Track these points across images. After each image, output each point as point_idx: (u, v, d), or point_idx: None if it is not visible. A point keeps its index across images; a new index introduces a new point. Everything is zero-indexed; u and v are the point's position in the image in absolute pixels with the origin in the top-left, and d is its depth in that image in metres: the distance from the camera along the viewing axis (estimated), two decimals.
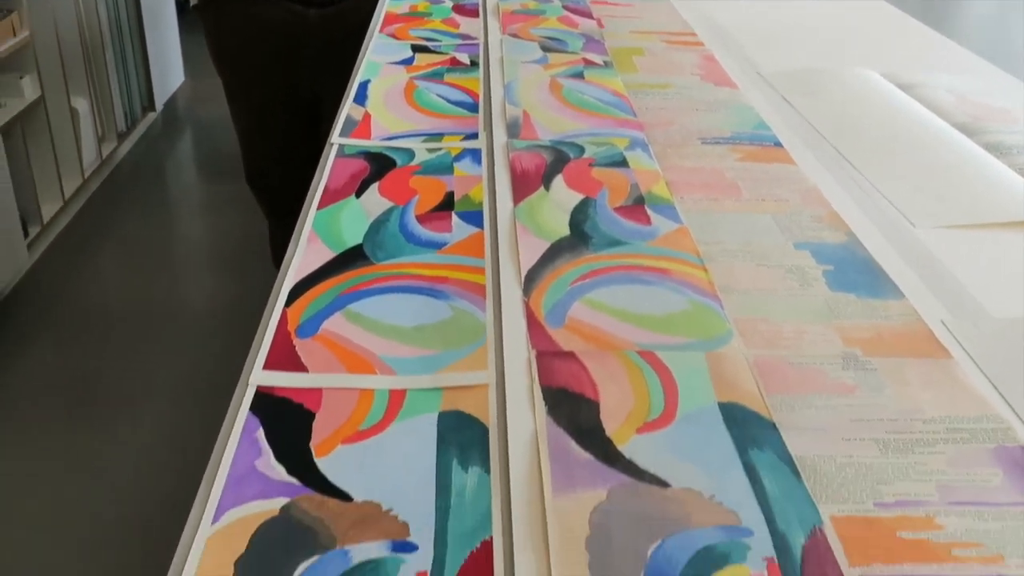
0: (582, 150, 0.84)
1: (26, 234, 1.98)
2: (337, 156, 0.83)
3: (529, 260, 0.66)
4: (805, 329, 0.59)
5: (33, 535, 1.33)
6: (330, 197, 0.75)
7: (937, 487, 0.47)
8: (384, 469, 0.47)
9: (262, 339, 0.57)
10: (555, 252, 0.67)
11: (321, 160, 0.81)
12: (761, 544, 0.43)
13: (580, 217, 0.72)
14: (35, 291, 1.94)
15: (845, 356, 0.57)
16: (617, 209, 0.74)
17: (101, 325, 1.85)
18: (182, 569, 0.41)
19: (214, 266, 2.12)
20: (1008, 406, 0.53)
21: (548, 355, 0.56)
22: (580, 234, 0.70)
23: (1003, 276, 0.67)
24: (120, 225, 2.23)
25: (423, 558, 0.42)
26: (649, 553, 0.42)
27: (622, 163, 0.82)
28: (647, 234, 0.70)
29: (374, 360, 0.56)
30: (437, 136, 0.87)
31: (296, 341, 0.57)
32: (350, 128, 0.89)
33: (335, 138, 0.86)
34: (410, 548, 0.43)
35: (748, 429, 0.50)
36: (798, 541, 0.43)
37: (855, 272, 0.66)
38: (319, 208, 0.73)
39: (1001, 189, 0.79)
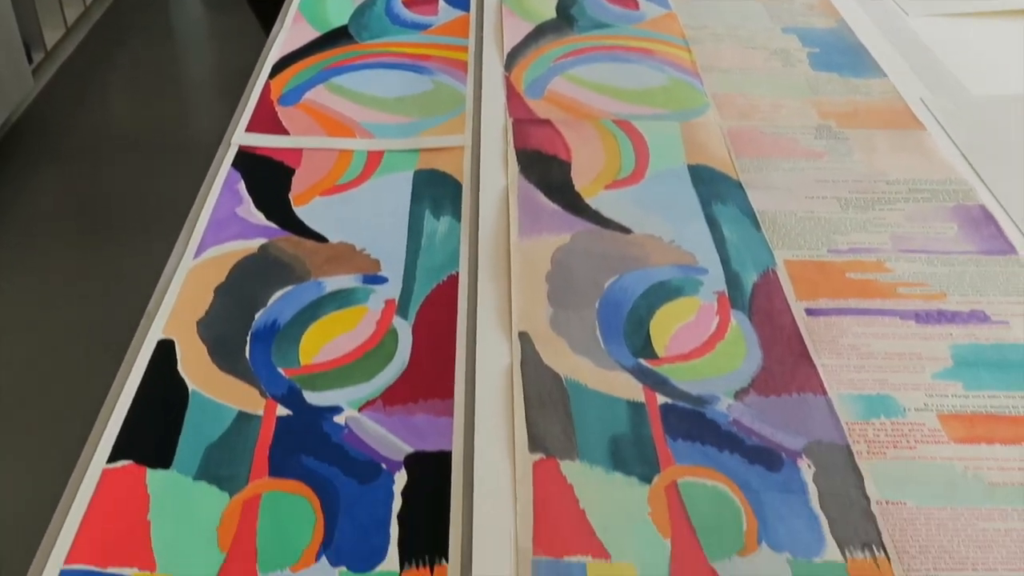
0: None
1: (30, 60, 1.97)
2: None
3: (513, 40, 0.66)
4: (782, 103, 0.60)
5: (43, 351, 1.39)
6: None
7: (891, 237, 0.48)
8: (359, 217, 0.49)
9: (245, 105, 0.58)
10: (540, 33, 0.67)
11: None
12: (714, 281, 0.45)
13: (567, 2, 0.71)
14: (42, 118, 1.94)
15: (819, 127, 0.57)
16: None
17: (109, 151, 1.86)
18: (165, 292, 0.44)
19: (221, 93, 2.11)
20: (974, 172, 0.54)
21: (524, 122, 0.57)
22: (566, 17, 0.69)
23: (988, 59, 0.66)
24: (125, 53, 2.20)
25: (392, 288, 0.45)
26: (606, 285, 0.44)
27: None
28: (634, 18, 0.70)
29: (354, 126, 0.57)
30: None
31: (278, 108, 0.58)
32: None
33: None
34: (380, 280, 0.45)
35: (714, 187, 0.51)
36: (750, 279, 0.45)
37: (840, 54, 0.66)
38: None
39: None
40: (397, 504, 0.35)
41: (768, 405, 0.39)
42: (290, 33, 0.67)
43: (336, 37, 0.67)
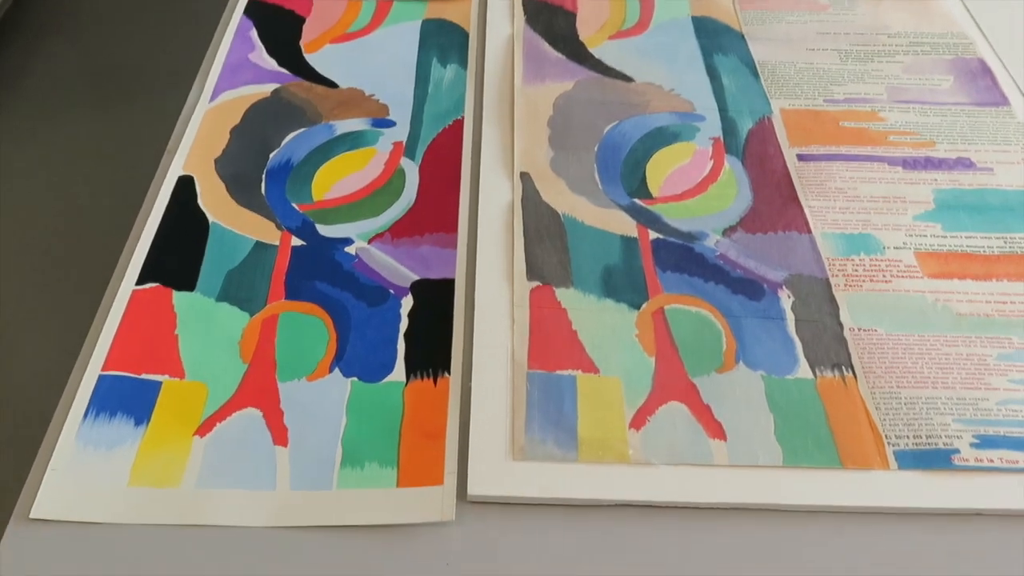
0: None
1: None
2: None
3: None
4: None
5: (69, 198, 1.42)
6: None
7: (887, 88, 0.49)
8: (369, 64, 0.50)
9: None
10: None
11: None
12: (711, 127, 0.47)
13: None
14: None
15: None
16: None
17: (117, 15, 1.84)
18: (183, 133, 0.46)
19: None
20: (977, 27, 0.54)
21: None
22: None
23: None
24: None
25: (400, 131, 0.46)
26: (606, 130, 0.46)
27: None
28: None
29: None
30: None
31: None
32: None
33: None
34: (388, 124, 0.47)
35: (717, 38, 0.52)
36: (746, 126, 0.47)
37: None
38: None
39: None
40: (404, 325, 0.38)
41: (754, 242, 0.41)
42: None
43: None
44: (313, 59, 0.51)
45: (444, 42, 0.52)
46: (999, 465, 0.33)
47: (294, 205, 0.42)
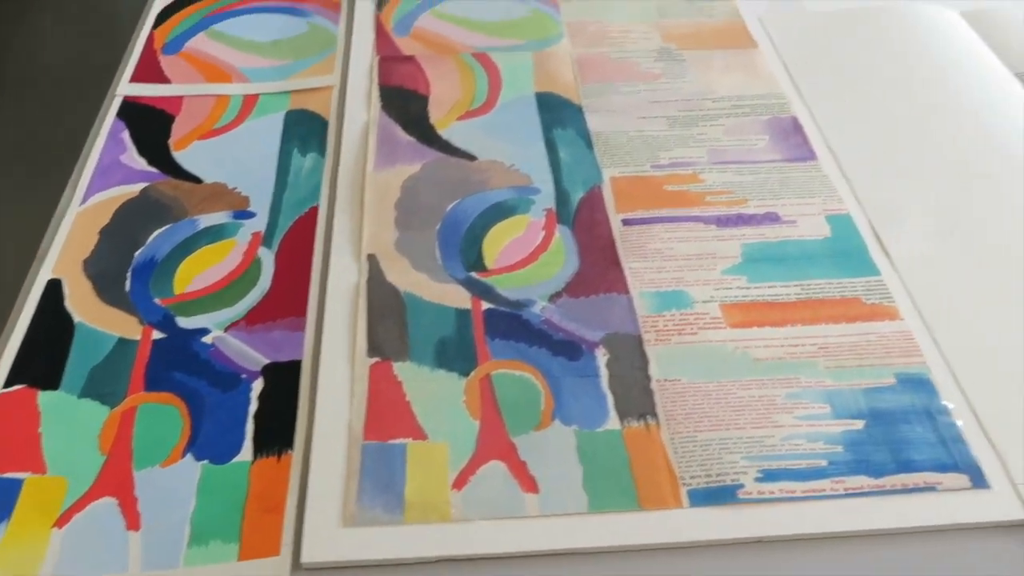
0: None
1: None
2: None
3: None
4: (631, 29, 0.65)
5: None
6: None
7: (709, 151, 0.54)
8: (233, 158, 0.54)
9: (129, 57, 0.62)
10: None
11: None
12: (545, 199, 0.51)
13: None
14: None
15: (661, 50, 0.63)
16: None
17: None
18: (54, 236, 0.49)
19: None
20: (794, 86, 0.60)
21: (389, 59, 0.62)
22: None
23: None
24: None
25: (259, 222, 0.50)
26: (448, 209, 0.50)
27: None
28: None
29: (232, 71, 0.61)
30: None
31: (161, 58, 0.63)
32: None
33: None
34: (249, 215, 0.51)
35: (557, 112, 0.57)
36: (578, 195, 0.51)
37: None
38: None
39: None
40: (254, 407, 0.41)
41: (577, 305, 0.45)
42: None
43: None
44: (181, 156, 0.55)
45: (305, 132, 0.56)
46: (778, 496, 0.37)
47: (156, 300, 0.46)
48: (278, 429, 0.40)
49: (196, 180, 0.53)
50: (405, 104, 0.58)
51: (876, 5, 0.67)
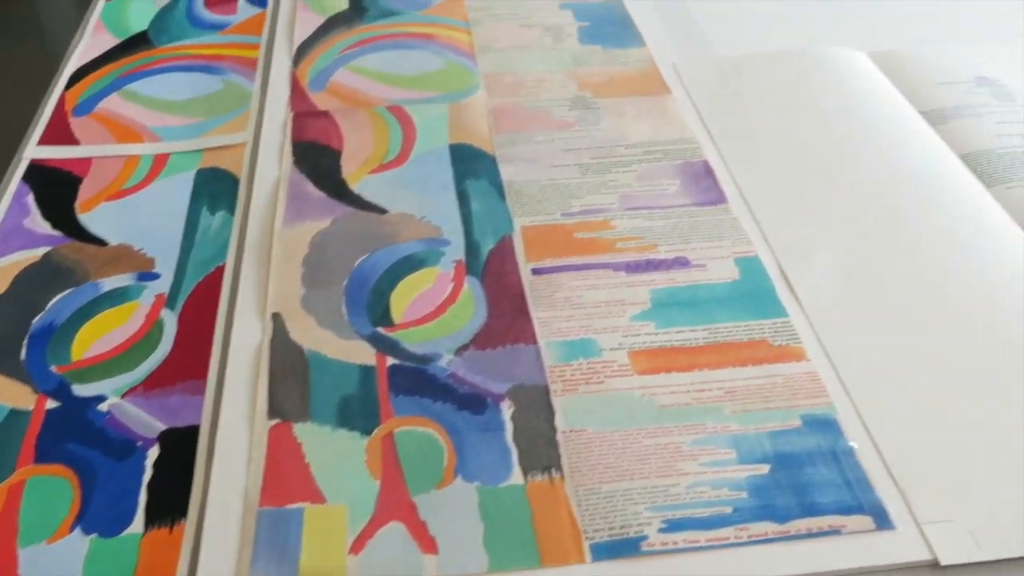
0: None
1: None
2: None
3: (304, 34, 0.70)
4: (546, 78, 0.65)
5: None
6: None
7: (620, 197, 0.55)
8: (140, 219, 0.54)
9: (39, 120, 0.61)
10: (330, 25, 0.71)
11: None
12: (455, 251, 0.51)
13: None
14: None
15: (576, 99, 0.63)
16: None
17: None
18: None
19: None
20: (706, 130, 0.60)
21: (304, 115, 0.61)
22: (358, 7, 0.74)
23: (745, 20, 0.73)
24: None
25: (163, 283, 0.49)
26: (356, 264, 0.50)
27: None
28: (422, 3, 0.75)
29: (144, 131, 0.61)
30: None
31: (72, 120, 0.62)
32: None
33: None
34: (153, 277, 0.50)
35: (471, 164, 0.57)
36: (488, 246, 0.51)
37: (608, 26, 0.72)
38: (108, 1, 0.76)
39: None
40: (148, 475, 0.40)
41: (484, 357, 0.45)
42: (89, 42, 0.70)
43: (135, 43, 0.70)
44: (87, 219, 0.54)
45: (216, 190, 0.56)
46: (682, 546, 0.37)
47: (52, 367, 0.45)
48: (173, 498, 0.39)
49: (101, 243, 0.52)
50: (317, 159, 0.57)
51: (786, 50, 0.68)
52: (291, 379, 0.43)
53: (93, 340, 0.46)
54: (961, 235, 0.51)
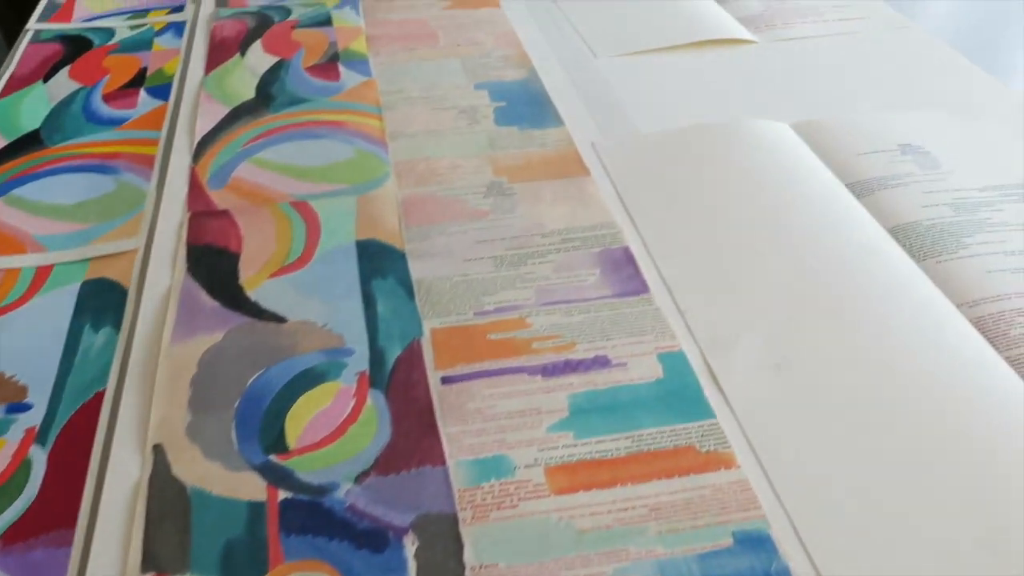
0: (288, 12, 0.84)
1: None
2: (31, 42, 0.80)
3: (206, 127, 0.67)
4: (461, 164, 0.63)
5: None
6: (15, 85, 0.73)
7: (536, 291, 0.51)
8: (15, 341, 0.49)
9: None
10: (234, 116, 0.68)
11: (12, 49, 0.79)
12: (359, 361, 0.47)
13: (269, 79, 0.73)
14: None
15: (491, 185, 0.60)
16: (309, 68, 0.75)
17: None
18: None
19: None
20: (627, 213, 0.58)
21: (201, 215, 0.58)
22: (264, 96, 0.71)
23: (665, 95, 0.71)
24: None
25: (36, 415, 0.45)
26: (249, 381, 0.46)
27: (326, 22, 0.82)
28: (333, 89, 0.72)
29: (28, 241, 0.57)
30: (143, 12, 0.85)
31: None
32: (50, 12, 0.86)
33: (31, 24, 0.83)
34: (24, 408, 0.45)
35: (378, 261, 0.54)
36: (394, 353, 0.47)
37: (525, 106, 0.69)
38: (0, 98, 0.72)
39: (683, 12, 0.83)
40: None
41: (386, 484, 0.41)
42: None
43: (25, 144, 0.66)
44: None
45: (101, 304, 0.51)
46: None
47: None
48: None
49: None
50: (213, 264, 0.54)
51: (708, 124, 0.66)
52: (170, 523, 0.39)
53: None
54: (893, 316, 0.49)
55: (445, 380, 0.46)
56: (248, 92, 0.71)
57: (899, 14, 0.84)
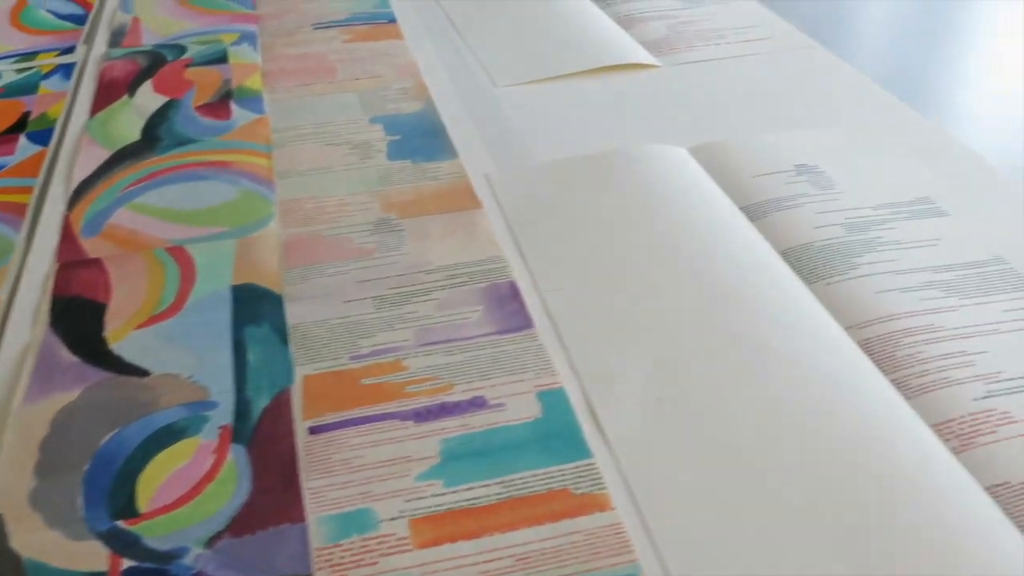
0: (183, 51, 0.82)
1: None
2: None
3: (85, 172, 0.64)
4: (349, 201, 0.61)
5: None
6: None
7: (416, 332, 0.49)
8: None
9: None
10: (116, 160, 0.66)
11: None
12: (223, 414, 0.44)
13: (157, 120, 0.71)
14: None
15: (379, 221, 0.58)
16: (200, 107, 0.72)
17: None
18: None
19: None
20: (516, 246, 0.56)
21: (71, 265, 0.55)
22: (150, 138, 0.68)
23: (565, 123, 0.70)
24: None
25: None
26: (103, 441, 0.43)
27: (222, 59, 0.80)
28: (222, 129, 0.70)
29: None
30: (31, 55, 0.83)
31: None
32: None
33: None
34: None
35: (253, 307, 0.51)
36: (261, 404, 0.45)
37: (420, 138, 0.68)
38: None
39: (586, 39, 0.82)
40: None
41: (239, 547, 0.38)
42: None
43: None
44: None
45: None
46: None
47: None
48: None
49: None
50: (78, 317, 0.51)
51: (603, 151, 0.65)
52: None
53: None
54: (779, 344, 0.47)
55: (313, 430, 0.44)
56: (133, 134, 0.69)
57: (802, 34, 0.84)
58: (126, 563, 0.38)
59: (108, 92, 0.75)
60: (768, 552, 0.37)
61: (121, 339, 0.49)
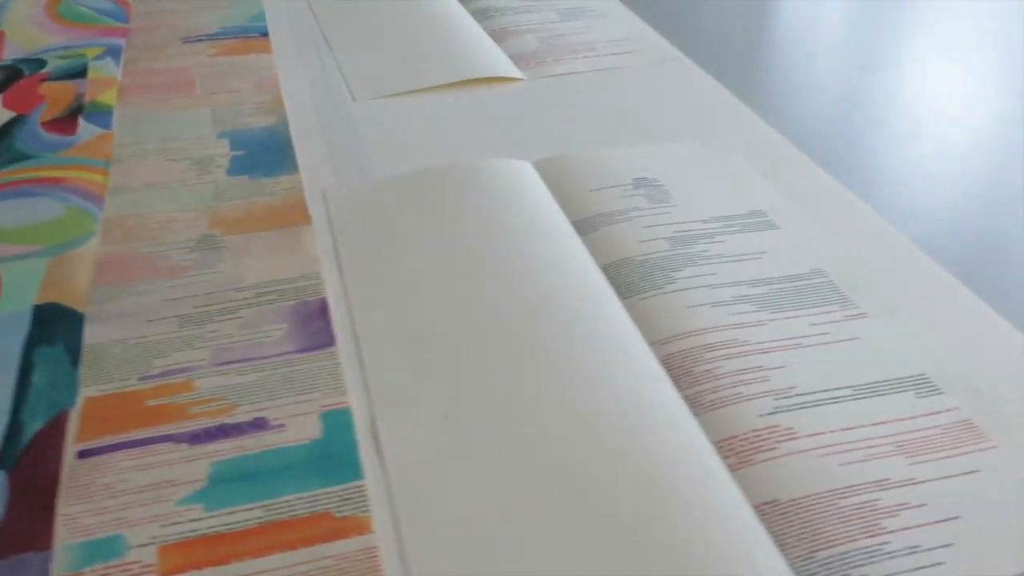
0: (43, 64, 0.80)
1: None
2: None
3: None
4: (176, 218, 0.60)
5: None
6: None
7: (213, 351, 0.48)
8: None
9: None
10: None
11: None
12: None
13: None
14: None
15: (201, 238, 0.57)
16: (46, 123, 0.71)
17: None
18: None
19: None
20: (337, 263, 0.55)
21: None
22: None
23: (419, 137, 0.69)
24: None
25: None
26: None
27: (81, 74, 0.79)
28: (64, 145, 0.68)
29: None
30: None
31: None
32: None
33: None
34: None
35: (51, 327, 0.50)
36: (34, 428, 0.43)
37: (264, 153, 0.67)
38: None
39: (450, 52, 0.82)
40: None
41: None
42: None
43: None
44: None
45: None
46: None
47: None
48: None
49: None
50: None
51: (443, 166, 0.64)
52: None
53: None
54: (579, 362, 0.47)
55: (82, 454, 0.42)
56: None
57: (673, 47, 0.84)
58: None
59: None
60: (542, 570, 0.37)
61: None
